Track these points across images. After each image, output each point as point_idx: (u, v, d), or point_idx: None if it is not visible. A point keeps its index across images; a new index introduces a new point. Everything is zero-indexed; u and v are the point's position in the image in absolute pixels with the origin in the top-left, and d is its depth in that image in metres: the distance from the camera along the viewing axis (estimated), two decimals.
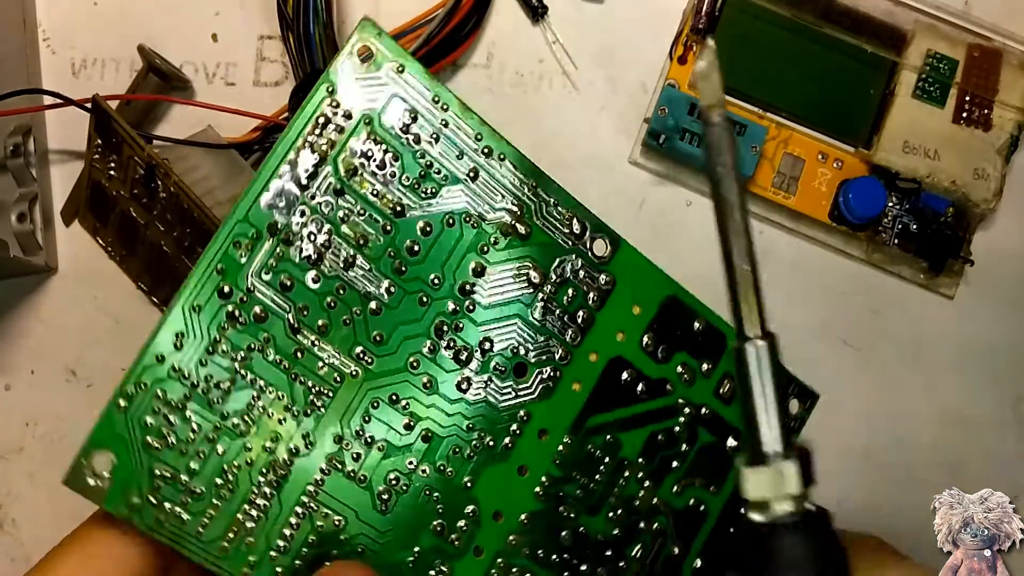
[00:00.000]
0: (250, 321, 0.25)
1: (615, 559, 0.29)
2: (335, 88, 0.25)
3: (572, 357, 0.28)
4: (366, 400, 0.26)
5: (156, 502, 0.25)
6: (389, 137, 0.26)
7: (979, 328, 0.38)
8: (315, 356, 0.26)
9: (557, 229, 0.27)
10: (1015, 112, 0.37)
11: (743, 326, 0.20)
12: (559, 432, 0.28)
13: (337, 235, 0.26)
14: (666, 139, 0.36)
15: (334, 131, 0.25)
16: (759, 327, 0.20)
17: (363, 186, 0.26)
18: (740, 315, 0.20)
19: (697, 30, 0.37)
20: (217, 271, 0.25)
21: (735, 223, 0.20)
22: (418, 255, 0.26)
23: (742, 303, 0.20)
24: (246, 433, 0.25)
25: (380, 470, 0.27)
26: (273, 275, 0.25)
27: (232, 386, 0.25)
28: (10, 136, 0.36)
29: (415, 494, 0.27)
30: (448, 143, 0.26)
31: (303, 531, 0.26)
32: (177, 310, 0.25)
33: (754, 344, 0.20)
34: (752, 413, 0.20)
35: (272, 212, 0.25)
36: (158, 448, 0.25)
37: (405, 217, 0.26)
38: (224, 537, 0.25)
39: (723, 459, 0.29)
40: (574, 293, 0.28)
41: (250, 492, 0.26)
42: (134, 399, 0.25)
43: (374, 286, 0.26)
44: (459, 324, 0.27)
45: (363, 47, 0.25)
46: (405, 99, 0.26)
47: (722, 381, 0.29)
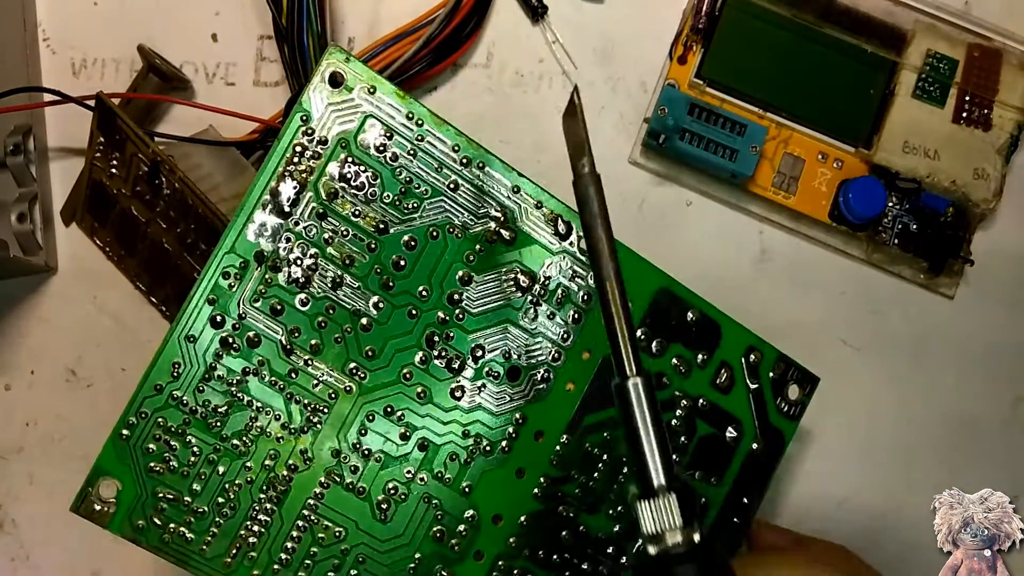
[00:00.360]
0: (243, 346, 0.26)
1: (616, 556, 0.29)
2: (309, 115, 0.26)
3: (565, 357, 0.28)
4: (361, 414, 0.27)
5: (161, 523, 0.26)
6: (366, 157, 0.26)
7: (979, 328, 0.38)
8: (309, 375, 0.26)
9: (543, 231, 0.28)
10: (1015, 112, 0.37)
11: (623, 365, 0.21)
12: (555, 433, 0.28)
13: (323, 257, 0.26)
14: (666, 139, 0.36)
15: (311, 158, 0.26)
16: (636, 365, 0.21)
17: (345, 207, 0.26)
18: (619, 355, 0.21)
19: (697, 30, 0.37)
20: (208, 301, 0.26)
21: (606, 269, 0.21)
22: (404, 269, 0.27)
23: (621, 344, 0.21)
24: (245, 453, 0.26)
25: (378, 481, 0.27)
26: (263, 301, 0.26)
27: (230, 409, 0.26)
28: (10, 136, 0.36)
29: (414, 502, 0.27)
30: (426, 157, 0.27)
31: (304, 544, 0.27)
32: (172, 341, 0.26)
33: (633, 381, 0.21)
34: (639, 448, 0.21)
35: (258, 241, 0.26)
36: (160, 472, 0.26)
37: (389, 234, 0.27)
38: (228, 553, 0.26)
39: (723, 450, 0.29)
40: (563, 293, 0.28)
41: (251, 509, 0.26)
42: (135, 428, 0.26)
43: (363, 303, 0.27)
44: (450, 334, 0.27)
45: (333, 72, 0.26)
46: (379, 118, 0.26)
47: (719, 371, 0.29)
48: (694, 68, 0.37)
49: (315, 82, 0.26)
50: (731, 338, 0.29)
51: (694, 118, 0.36)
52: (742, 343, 0.29)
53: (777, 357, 0.30)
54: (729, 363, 0.29)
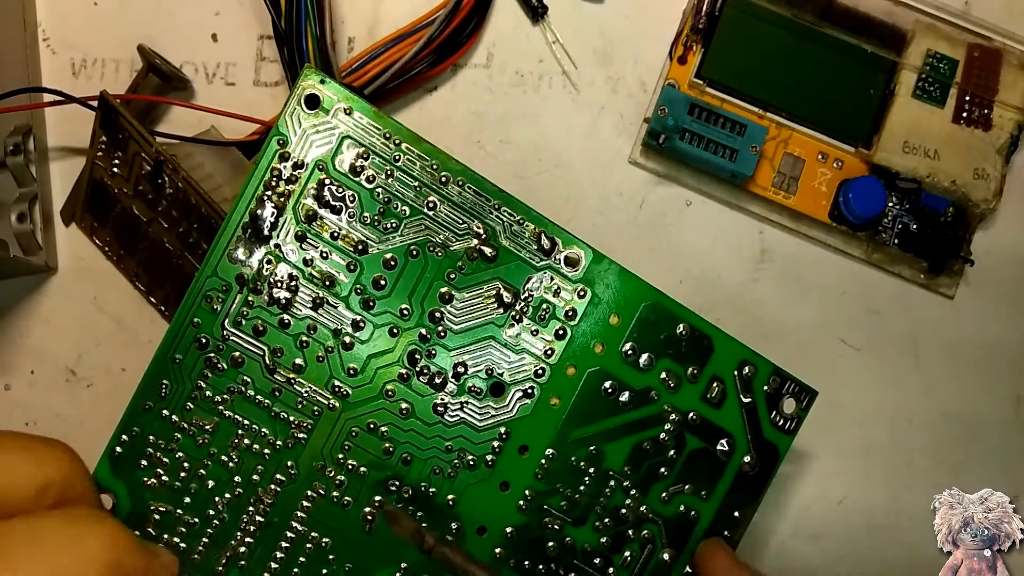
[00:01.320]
0: (228, 367, 0.27)
1: (603, 567, 0.29)
2: (286, 139, 0.26)
3: (549, 373, 0.28)
4: (345, 430, 0.27)
5: (155, 534, 0.27)
6: (344, 179, 0.27)
7: (979, 328, 0.38)
8: (293, 392, 0.27)
9: (525, 247, 0.28)
10: (1015, 112, 0.37)
11: None
12: (540, 447, 0.28)
13: (304, 278, 0.27)
14: (666, 139, 0.36)
15: (289, 181, 0.26)
16: None
17: (324, 229, 0.27)
18: None
19: (697, 30, 0.37)
20: (192, 324, 0.27)
21: None
22: (385, 288, 0.27)
23: None
24: (233, 469, 0.27)
25: (363, 494, 0.28)
26: (246, 322, 0.27)
27: (216, 427, 0.27)
28: (10, 136, 0.36)
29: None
30: (404, 176, 0.27)
31: (293, 554, 0.28)
32: (160, 362, 0.27)
33: None
34: None
35: (239, 264, 0.26)
36: (153, 487, 0.27)
37: (368, 254, 0.27)
38: (219, 563, 0.28)
39: (713, 464, 0.29)
40: (547, 309, 0.28)
41: (240, 522, 0.27)
42: (127, 445, 0.27)
43: (344, 323, 0.27)
44: (432, 351, 0.27)
45: (309, 94, 0.26)
46: (356, 139, 0.27)
47: (710, 385, 0.29)
48: (694, 68, 0.37)
49: (292, 105, 0.26)
50: (723, 351, 0.28)
51: (694, 118, 0.36)
52: (735, 356, 0.29)
53: (772, 371, 0.29)
54: (721, 377, 0.29)
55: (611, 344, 0.28)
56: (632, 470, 0.28)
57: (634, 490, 0.28)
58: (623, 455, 0.28)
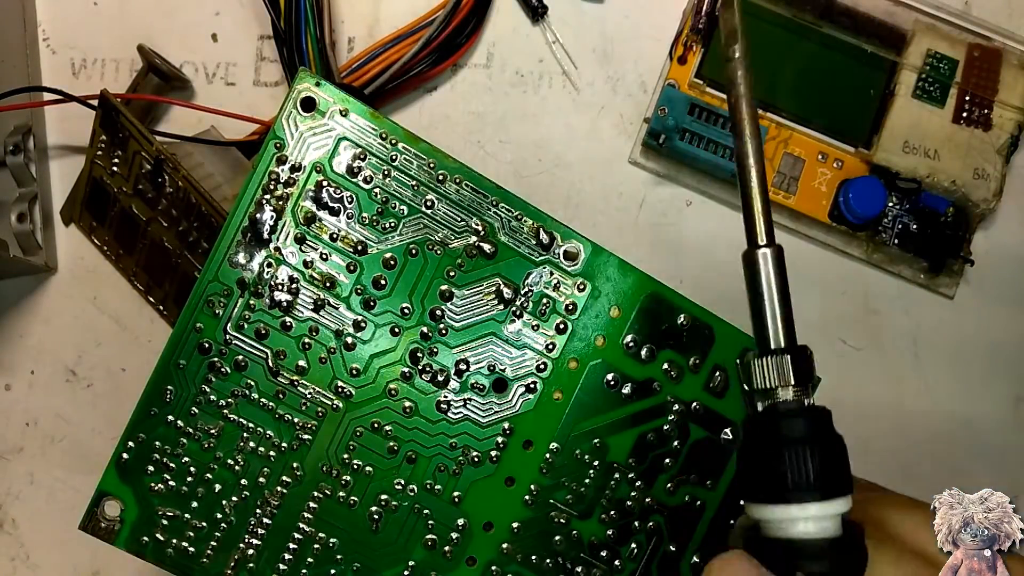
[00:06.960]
0: (231, 371, 0.27)
1: (610, 559, 0.29)
2: (283, 142, 0.26)
3: (551, 367, 0.28)
4: (350, 430, 0.28)
5: (164, 538, 0.27)
6: (342, 180, 0.27)
7: (979, 328, 0.38)
8: (296, 394, 0.27)
9: (524, 243, 0.28)
10: (1015, 112, 0.37)
11: (754, 236, 0.22)
12: (544, 441, 0.28)
13: (304, 280, 0.27)
14: (666, 139, 0.36)
15: (287, 184, 0.26)
16: (768, 237, 0.22)
17: (323, 231, 0.27)
18: (752, 226, 0.22)
19: (697, 30, 0.37)
20: (195, 329, 0.27)
21: (747, 146, 0.22)
22: (385, 288, 0.27)
23: (755, 216, 0.22)
24: (239, 472, 0.27)
25: (369, 493, 0.28)
26: (248, 326, 0.27)
27: (221, 431, 0.27)
28: (10, 136, 0.36)
29: (404, 513, 0.28)
30: (401, 176, 0.27)
31: (301, 555, 0.28)
32: (164, 368, 0.27)
33: (763, 251, 0.22)
34: (761, 313, 0.22)
35: (239, 269, 0.27)
36: (160, 492, 0.27)
37: (368, 254, 0.27)
38: (227, 566, 0.28)
39: (718, 453, 0.29)
40: (548, 303, 0.28)
41: (247, 524, 0.28)
42: (133, 451, 0.27)
43: (346, 323, 0.27)
44: (433, 349, 0.28)
45: (305, 97, 0.26)
46: (353, 140, 0.27)
47: (712, 374, 0.29)
48: (694, 68, 0.37)
49: (287, 109, 0.26)
50: (725, 340, 0.29)
51: (694, 118, 0.36)
52: (736, 344, 0.29)
53: None
54: (723, 366, 0.29)
55: (612, 336, 0.28)
56: (637, 462, 0.28)
57: (639, 482, 0.28)
58: (627, 447, 0.28)
